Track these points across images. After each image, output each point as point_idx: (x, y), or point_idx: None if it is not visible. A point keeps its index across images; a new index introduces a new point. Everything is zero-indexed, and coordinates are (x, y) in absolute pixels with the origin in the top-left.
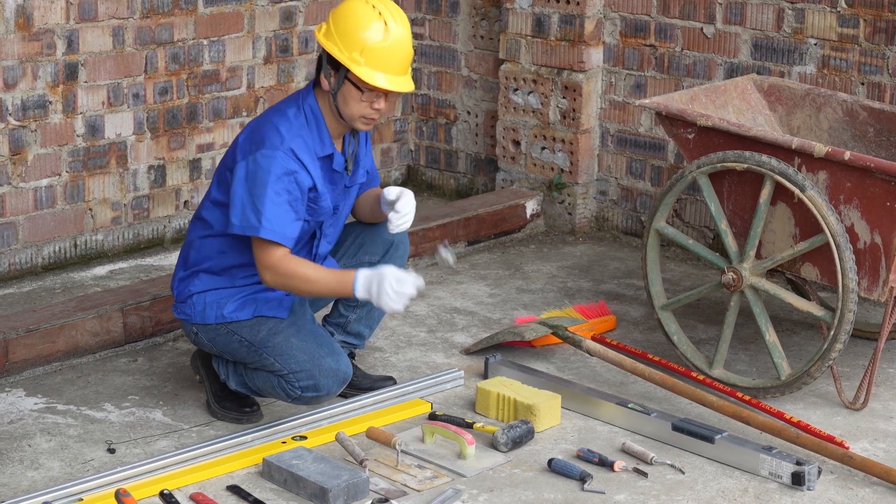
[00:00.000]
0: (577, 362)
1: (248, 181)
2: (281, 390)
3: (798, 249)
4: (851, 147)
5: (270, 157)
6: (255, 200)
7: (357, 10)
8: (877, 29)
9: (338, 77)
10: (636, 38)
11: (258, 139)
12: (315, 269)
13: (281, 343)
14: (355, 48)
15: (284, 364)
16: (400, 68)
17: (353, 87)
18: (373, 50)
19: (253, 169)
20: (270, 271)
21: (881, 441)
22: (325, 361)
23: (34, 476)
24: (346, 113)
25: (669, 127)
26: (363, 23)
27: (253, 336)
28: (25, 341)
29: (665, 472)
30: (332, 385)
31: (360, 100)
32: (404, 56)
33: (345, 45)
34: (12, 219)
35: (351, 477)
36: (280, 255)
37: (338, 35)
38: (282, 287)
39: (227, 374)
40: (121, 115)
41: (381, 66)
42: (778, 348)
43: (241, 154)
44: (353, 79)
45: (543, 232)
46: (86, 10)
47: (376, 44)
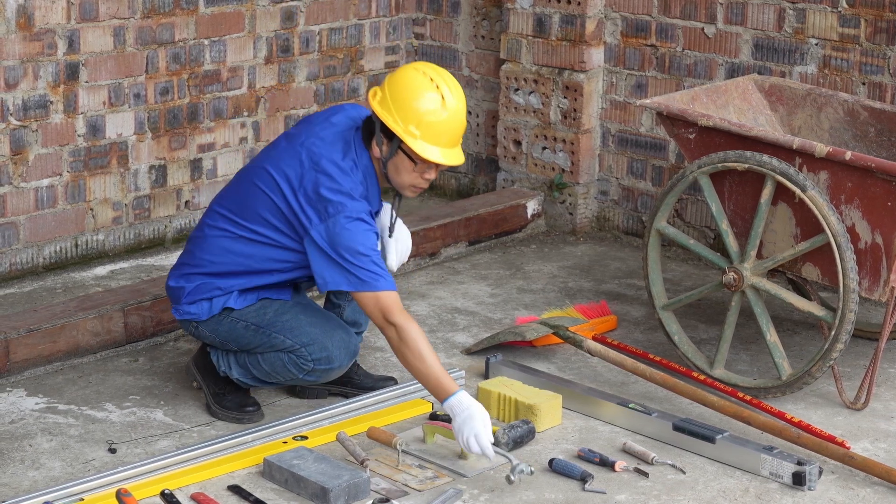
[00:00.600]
0: (578, 362)
1: (336, 243)
2: (293, 366)
3: (799, 249)
4: (852, 147)
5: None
6: (359, 262)
7: (414, 82)
8: (878, 29)
9: (391, 146)
10: (637, 38)
11: (336, 199)
12: (430, 352)
13: (290, 320)
14: (412, 121)
15: (296, 339)
16: (454, 141)
17: (407, 158)
18: (430, 124)
19: (342, 233)
20: (394, 329)
21: (882, 441)
22: (336, 333)
23: (35, 476)
24: (397, 181)
25: (670, 127)
26: (420, 95)
27: (259, 318)
28: (26, 341)
29: (666, 472)
30: (344, 357)
31: (412, 170)
32: (459, 129)
33: (401, 117)
34: (13, 219)
35: (352, 477)
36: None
37: (394, 105)
38: (391, 345)
39: (228, 365)
40: (122, 114)
41: (436, 140)
42: (779, 348)
43: (315, 212)
44: (408, 150)
45: (544, 232)
46: (87, 10)
47: (433, 118)
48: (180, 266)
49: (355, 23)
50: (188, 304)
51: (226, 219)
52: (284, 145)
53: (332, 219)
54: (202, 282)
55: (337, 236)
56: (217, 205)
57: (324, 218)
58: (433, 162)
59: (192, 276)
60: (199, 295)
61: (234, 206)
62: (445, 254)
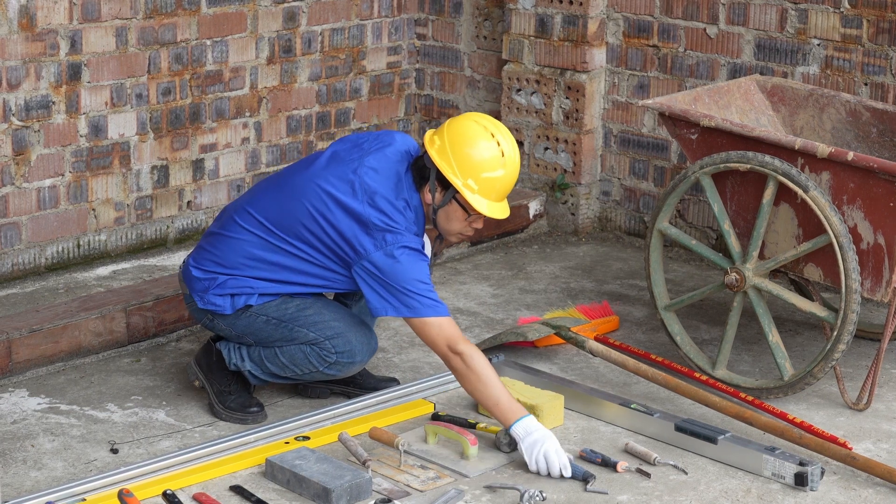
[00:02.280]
0: (580, 363)
1: (394, 273)
2: (315, 358)
3: (801, 250)
4: (855, 148)
5: (416, 253)
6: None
7: (476, 136)
8: (880, 29)
9: (445, 195)
10: (639, 39)
11: (389, 230)
12: (496, 377)
13: (313, 315)
14: (471, 175)
15: (320, 332)
16: (506, 195)
17: (460, 209)
18: (488, 179)
19: (401, 261)
20: (460, 358)
21: (884, 441)
22: (359, 329)
23: (37, 476)
24: (445, 228)
25: (672, 127)
26: (482, 151)
27: (281, 313)
28: (29, 341)
29: (668, 473)
30: (366, 353)
31: (462, 220)
32: (513, 184)
33: (460, 169)
34: (15, 219)
35: (354, 477)
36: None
37: (454, 156)
38: (456, 373)
39: (240, 358)
40: (124, 115)
41: (491, 195)
42: (781, 349)
43: (372, 241)
44: (462, 202)
45: (546, 232)
46: (89, 11)
47: (492, 174)
48: (205, 259)
49: (357, 23)
50: (216, 295)
51: (261, 225)
52: (334, 167)
53: (389, 247)
54: (231, 279)
55: (396, 265)
56: (251, 207)
57: (380, 246)
58: (487, 216)
59: (220, 273)
60: (226, 290)
61: (273, 216)
62: (447, 254)
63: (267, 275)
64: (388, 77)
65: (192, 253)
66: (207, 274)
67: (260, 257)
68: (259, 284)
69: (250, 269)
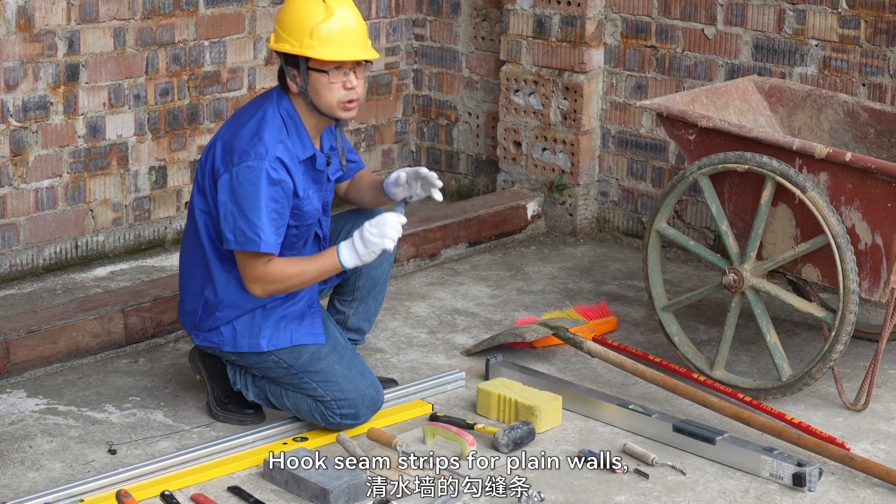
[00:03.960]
0: (578, 363)
1: (236, 194)
2: (318, 414)
3: (799, 250)
4: (852, 148)
5: (257, 168)
6: (247, 214)
7: (296, 3)
8: (878, 30)
9: (301, 73)
10: (637, 39)
11: (240, 148)
12: (298, 264)
13: (325, 370)
14: (304, 36)
15: (328, 391)
16: (354, 41)
17: (319, 74)
18: (320, 30)
19: (240, 181)
20: (260, 283)
21: (882, 442)
22: (367, 392)
23: (35, 477)
24: (323, 104)
25: (670, 128)
26: (304, 10)
27: (294, 360)
28: (26, 342)
29: (666, 474)
30: (369, 414)
31: (329, 83)
32: (355, 30)
33: (295, 38)
34: (13, 220)
35: (352, 478)
36: (266, 266)
37: (285, 33)
38: (272, 292)
39: (245, 385)
40: (122, 116)
41: (334, 43)
42: (779, 349)
43: (223, 165)
44: (314, 65)
45: (544, 233)
46: (87, 11)
47: (321, 23)
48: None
49: None
50: (203, 331)
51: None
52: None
53: (235, 168)
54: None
55: (238, 186)
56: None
57: (229, 166)
58: (340, 60)
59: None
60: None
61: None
62: (445, 255)
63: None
64: (385, 78)
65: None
66: (186, 303)
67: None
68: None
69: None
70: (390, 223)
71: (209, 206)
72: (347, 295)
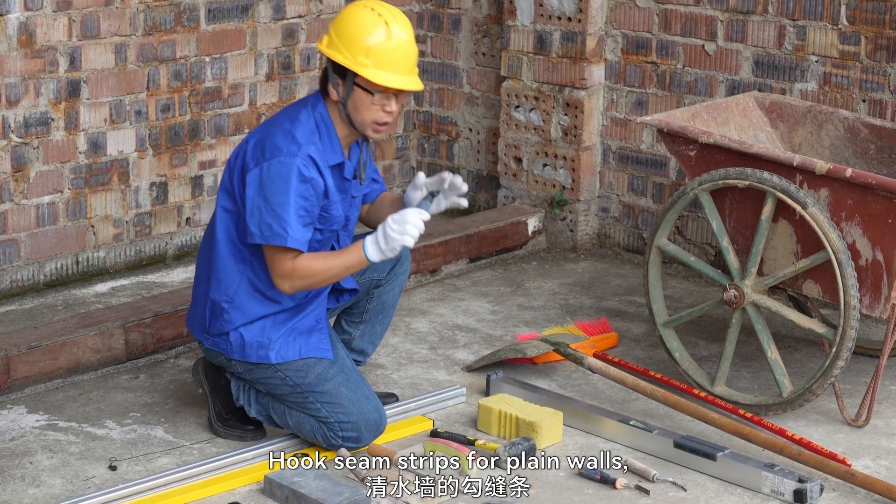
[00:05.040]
0: (579, 379)
1: (265, 188)
2: (320, 435)
3: (800, 266)
4: (853, 164)
5: (289, 164)
6: (275, 208)
7: (358, 15)
8: (878, 46)
9: (346, 84)
10: (638, 56)
11: (273, 145)
12: (324, 259)
13: (331, 391)
14: (360, 52)
15: (332, 412)
16: (406, 68)
17: (363, 92)
18: (377, 51)
19: (270, 176)
20: (288, 279)
21: (883, 458)
22: (371, 416)
23: (36, 493)
24: (358, 119)
25: (671, 144)
26: (365, 26)
27: (300, 379)
28: (27, 358)
29: (667, 490)
30: (371, 438)
31: (371, 104)
32: (409, 54)
33: (349, 51)
34: (14, 235)
35: (352, 494)
36: (295, 261)
37: (340, 42)
38: (300, 289)
39: (248, 401)
40: (123, 131)
41: (387, 66)
42: (780, 365)
43: (253, 160)
44: (362, 82)
45: (545, 249)
46: (88, 28)
47: (380, 44)
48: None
49: None
50: (212, 335)
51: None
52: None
53: (266, 162)
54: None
55: (267, 181)
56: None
57: (259, 161)
58: (387, 87)
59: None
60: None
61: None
62: (446, 271)
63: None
64: None
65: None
66: (199, 307)
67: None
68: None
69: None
70: (412, 220)
71: (236, 205)
72: (356, 316)
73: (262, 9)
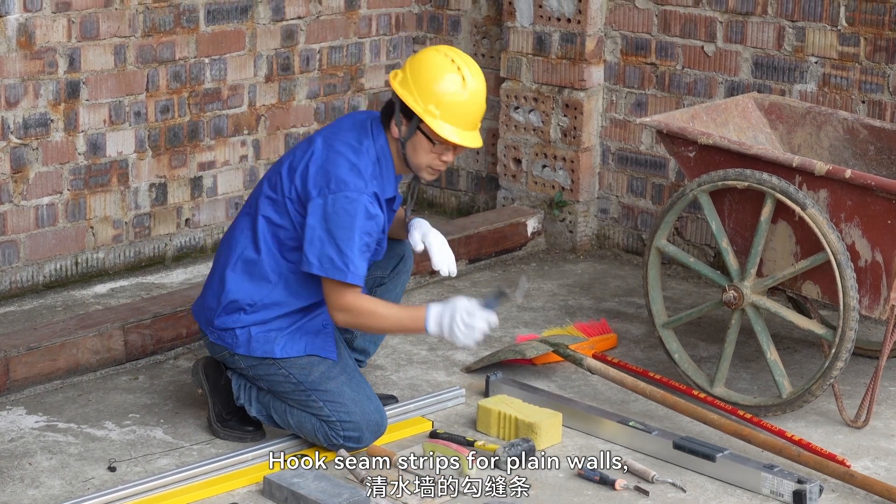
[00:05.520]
0: (579, 380)
1: (329, 221)
2: (321, 434)
3: (799, 267)
4: (852, 165)
5: (356, 200)
6: (339, 243)
7: (435, 62)
8: (877, 47)
9: (410, 126)
10: (637, 57)
11: (339, 178)
12: (386, 307)
13: (334, 390)
14: (431, 100)
15: (334, 411)
16: (473, 123)
17: (425, 139)
18: (449, 104)
19: (336, 210)
20: (345, 312)
21: (882, 459)
22: (372, 416)
23: (35, 494)
24: (414, 162)
25: (670, 145)
26: (441, 76)
27: (304, 376)
28: (26, 359)
29: (666, 491)
30: (372, 439)
31: (430, 151)
32: (479, 111)
33: (421, 97)
34: (14, 237)
35: (352, 495)
36: (355, 297)
37: (414, 85)
38: (353, 326)
39: (248, 401)
40: (122, 133)
41: (455, 121)
42: (779, 366)
43: (316, 189)
44: (427, 130)
45: (544, 250)
46: (88, 29)
47: (453, 98)
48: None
49: (356, 41)
50: (221, 330)
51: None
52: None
53: (332, 195)
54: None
55: (332, 214)
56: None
57: (324, 193)
58: (451, 143)
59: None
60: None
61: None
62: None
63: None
64: (386, 95)
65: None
66: (209, 300)
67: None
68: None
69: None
70: (480, 327)
71: (284, 220)
72: None
73: (262, 10)
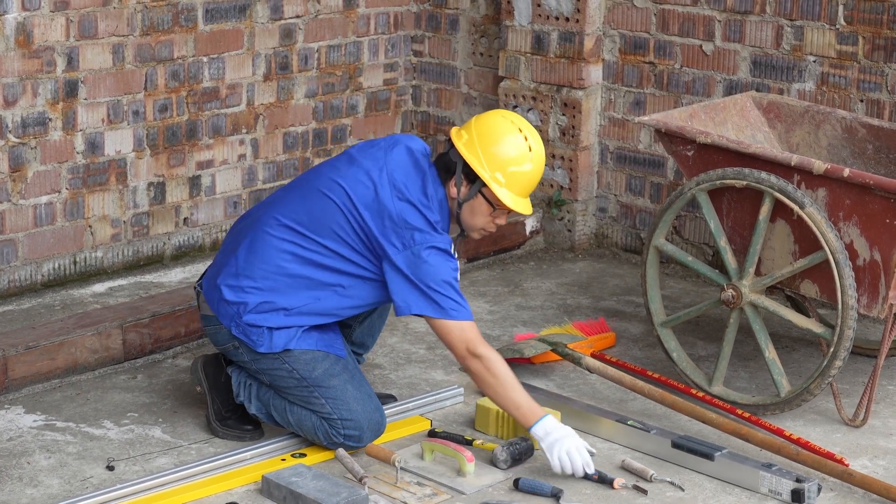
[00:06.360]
0: (577, 379)
1: (421, 272)
2: (322, 432)
3: (797, 266)
4: (850, 164)
5: (444, 249)
6: (443, 291)
7: (503, 130)
8: (875, 46)
9: (471, 189)
10: (635, 56)
11: (419, 230)
12: (513, 380)
13: (337, 387)
14: (499, 169)
15: (335, 409)
16: (531, 192)
17: (486, 203)
18: (515, 176)
19: (429, 261)
20: (478, 360)
21: (881, 458)
22: (373, 416)
23: (33, 493)
24: (469, 223)
25: (669, 144)
26: (510, 146)
27: (307, 372)
28: (25, 358)
29: (665, 490)
30: (372, 438)
31: (487, 214)
32: (538, 181)
33: (489, 164)
34: (12, 236)
35: (350, 494)
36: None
37: (482, 150)
38: (475, 376)
39: (248, 398)
40: (120, 132)
41: (517, 189)
42: (777, 365)
43: (399, 241)
44: (489, 195)
45: (543, 249)
46: (86, 28)
47: (520, 168)
48: (234, 275)
49: (354, 40)
50: (251, 326)
51: (293, 231)
52: (354, 169)
53: (417, 246)
54: (266, 304)
55: (423, 264)
56: (279, 214)
57: (409, 245)
58: (513, 210)
59: (253, 289)
60: (263, 320)
61: (304, 220)
62: None
63: (302, 298)
64: (384, 94)
65: (214, 271)
66: (240, 295)
67: (295, 273)
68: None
69: (285, 290)
70: (577, 463)
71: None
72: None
73: (260, 9)
